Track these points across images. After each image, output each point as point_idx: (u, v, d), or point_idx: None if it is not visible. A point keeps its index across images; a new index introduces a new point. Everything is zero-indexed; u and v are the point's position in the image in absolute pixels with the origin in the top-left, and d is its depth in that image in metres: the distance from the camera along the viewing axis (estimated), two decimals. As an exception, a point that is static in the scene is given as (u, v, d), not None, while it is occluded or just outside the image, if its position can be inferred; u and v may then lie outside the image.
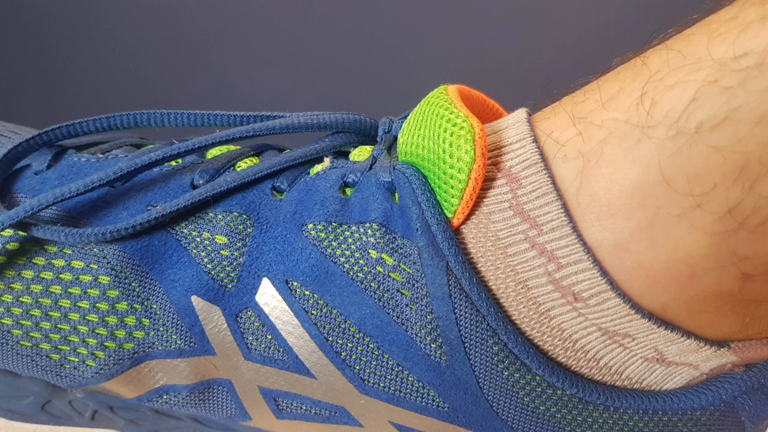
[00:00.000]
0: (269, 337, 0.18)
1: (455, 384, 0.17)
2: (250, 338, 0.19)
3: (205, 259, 0.19)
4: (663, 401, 0.17)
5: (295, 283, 0.18)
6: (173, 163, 0.20)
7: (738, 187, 0.14)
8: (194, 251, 0.19)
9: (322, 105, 0.31)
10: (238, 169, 0.20)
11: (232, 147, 0.22)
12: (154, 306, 0.19)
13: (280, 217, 0.19)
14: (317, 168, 0.20)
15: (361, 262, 0.18)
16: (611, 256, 0.16)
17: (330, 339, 0.18)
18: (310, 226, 0.18)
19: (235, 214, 0.19)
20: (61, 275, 0.19)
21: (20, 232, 0.19)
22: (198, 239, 0.19)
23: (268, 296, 0.18)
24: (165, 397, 0.20)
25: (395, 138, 0.21)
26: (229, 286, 0.18)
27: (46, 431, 0.24)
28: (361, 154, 0.21)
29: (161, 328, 0.19)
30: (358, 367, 0.18)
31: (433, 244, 0.17)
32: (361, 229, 0.18)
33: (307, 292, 0.18)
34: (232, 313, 0.18)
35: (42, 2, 0.59)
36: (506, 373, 0.17)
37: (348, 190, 0.19)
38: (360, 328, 0.18)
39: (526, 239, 0.17)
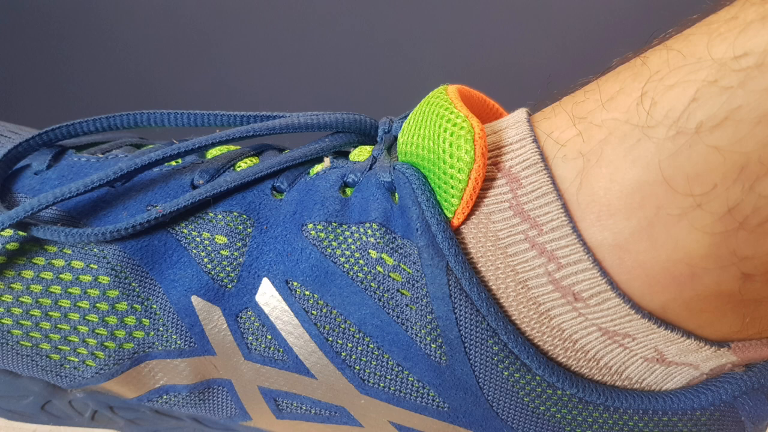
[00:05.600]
0: (269, 337, 0.18)
1: (455, 384, 0.17)
2: (250, 338, 0.19)
3: (205, 259, 0.19)
4: (663, 401, 0.17)
5: (295, 283, 0.18)
6: (173, 163, 0.20)
7: (738, 187, 0.14)
8: (194, 251, 0.19)
9: (322, 105, 0.31)
10: (238, 169, 0.20)
11: (232, 147, 0.22)
12: (154, 306, 0.19)
13: (280, 217, 0.19)
14: (317, 168, 0.20)
15: (361, 262, 0.18)
16: (611, 256, 0.16)
17: (330, 339, 0.18)
18: (310, 226, 0.18)
19: (235, 214, 0.19)
20: (61, 275, 0.19)
21: (20, 232, 0.19)
22: (198, 239, 0.19)
23: (268, 296, 0.18)
24: (165, 397, 0.20)
25: (395, 138, 0.21)
26: (229, 286, 0.18)
27: (46, 431, 0.24)
28: (361, 154, 0.21)
29: (161, 328, 0.19)
30: (358, 367, 0.18)
31: (433, 244, 0.17)
32: (361, 229, 0.18)
33: (307, 292, 0.18)
34: (232, 313, 0.18)
35: (42, 2, 0.59)
36: (506, 373, 0.17)
37: (348, 190, 0.19)
38: (360, 328, 0.18)
39: (526, 239, 0.17)
